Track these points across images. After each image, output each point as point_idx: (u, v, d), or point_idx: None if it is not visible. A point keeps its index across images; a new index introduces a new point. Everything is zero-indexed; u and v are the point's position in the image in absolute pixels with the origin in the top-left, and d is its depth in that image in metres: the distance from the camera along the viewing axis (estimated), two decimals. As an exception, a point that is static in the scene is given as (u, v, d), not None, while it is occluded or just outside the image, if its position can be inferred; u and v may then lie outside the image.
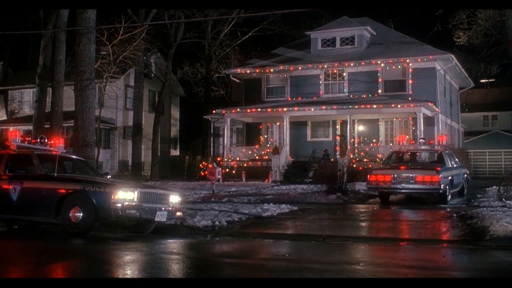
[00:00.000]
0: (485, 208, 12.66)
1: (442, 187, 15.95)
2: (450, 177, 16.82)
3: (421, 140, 19.48)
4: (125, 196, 10.40)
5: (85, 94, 18.14)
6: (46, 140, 12.30)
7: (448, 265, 7.92)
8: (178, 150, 49.58)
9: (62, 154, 12.38)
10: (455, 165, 18.46)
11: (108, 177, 12.90)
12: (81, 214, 10.44)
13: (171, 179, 33.64)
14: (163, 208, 10.96)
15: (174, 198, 11.52)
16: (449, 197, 16.74)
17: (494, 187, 19.03)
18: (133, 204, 10.44)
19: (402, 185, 16.31)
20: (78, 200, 10.54)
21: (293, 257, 8.70)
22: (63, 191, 10.71)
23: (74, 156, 13.85)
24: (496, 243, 9.25)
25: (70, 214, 10.50)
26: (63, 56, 26.04)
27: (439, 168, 16.30)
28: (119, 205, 10.25)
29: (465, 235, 10.24)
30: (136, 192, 10.56)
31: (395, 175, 16.36)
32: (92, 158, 18.72)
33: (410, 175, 16.29)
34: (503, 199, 14.67)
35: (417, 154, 19.51)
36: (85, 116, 18.07)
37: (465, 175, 19.84)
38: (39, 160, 11.48)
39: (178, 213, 11.39)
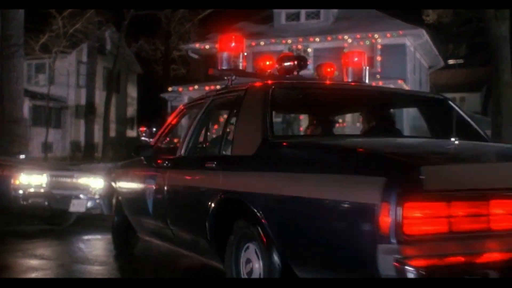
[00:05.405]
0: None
1: None
2: None
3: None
4: (29, 181, 8.32)
5: (12, 62, 15.80)
6: None
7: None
8: (136, 130, 47.28)
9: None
10: None
11: (21, 157, 10.75)
12: (-26, 203, 8.34)
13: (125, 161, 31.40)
14: (81, 196, 8.87)
15: (98, 183, 9.43)
16: None
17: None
18: (40, 191, 8.35)
19: None
20: (-30, 186, 8.41)
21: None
22: (-48, 174, 8.55)
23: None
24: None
25: (-39, 203, 8.38)
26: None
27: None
28: (20, 192, 8.18)
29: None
30: (44, 176, 8.45)
31: None
32: (22, 136, 16.43)
33: None
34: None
35: None
36: (12, 87, 15.74)
37: None
38: None
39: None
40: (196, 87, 30.79)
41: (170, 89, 31.93)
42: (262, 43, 30.78)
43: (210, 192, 4.44)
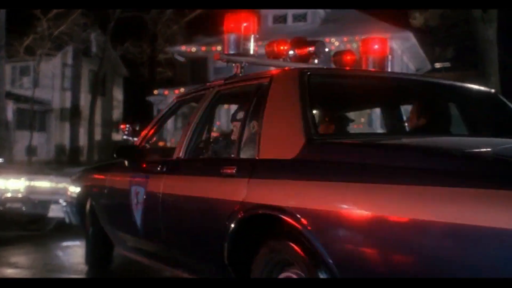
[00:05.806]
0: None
1: None
2: None
3: None
4: (6, 185, 8.05)
5: (-8, 64, 15.54)
6: None
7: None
8: (121, 133, 46.92)
9: None
10: None
11: (0, 160, 10.48)
12: None
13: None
14: (60, 201, 8.59)
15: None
16: None
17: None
18: (17, 195, 8.09)
19: None
20: None
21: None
22: None
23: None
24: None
25: None
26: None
27: None
28: (-4, 197, 7.90)
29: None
30: (22, 180, 8.19)
31: None
32: (5, 140, 16.15)
33: None
34: None
35: None
36: (-7, 90, 15.48)
37: None
38: None
39: (83, 207, 9.04)
40: (182, 90, 30.52)
41: (156, 92, 31.69)
42: (249, 45, 30.59)
43: (229, 205, 3.47)
